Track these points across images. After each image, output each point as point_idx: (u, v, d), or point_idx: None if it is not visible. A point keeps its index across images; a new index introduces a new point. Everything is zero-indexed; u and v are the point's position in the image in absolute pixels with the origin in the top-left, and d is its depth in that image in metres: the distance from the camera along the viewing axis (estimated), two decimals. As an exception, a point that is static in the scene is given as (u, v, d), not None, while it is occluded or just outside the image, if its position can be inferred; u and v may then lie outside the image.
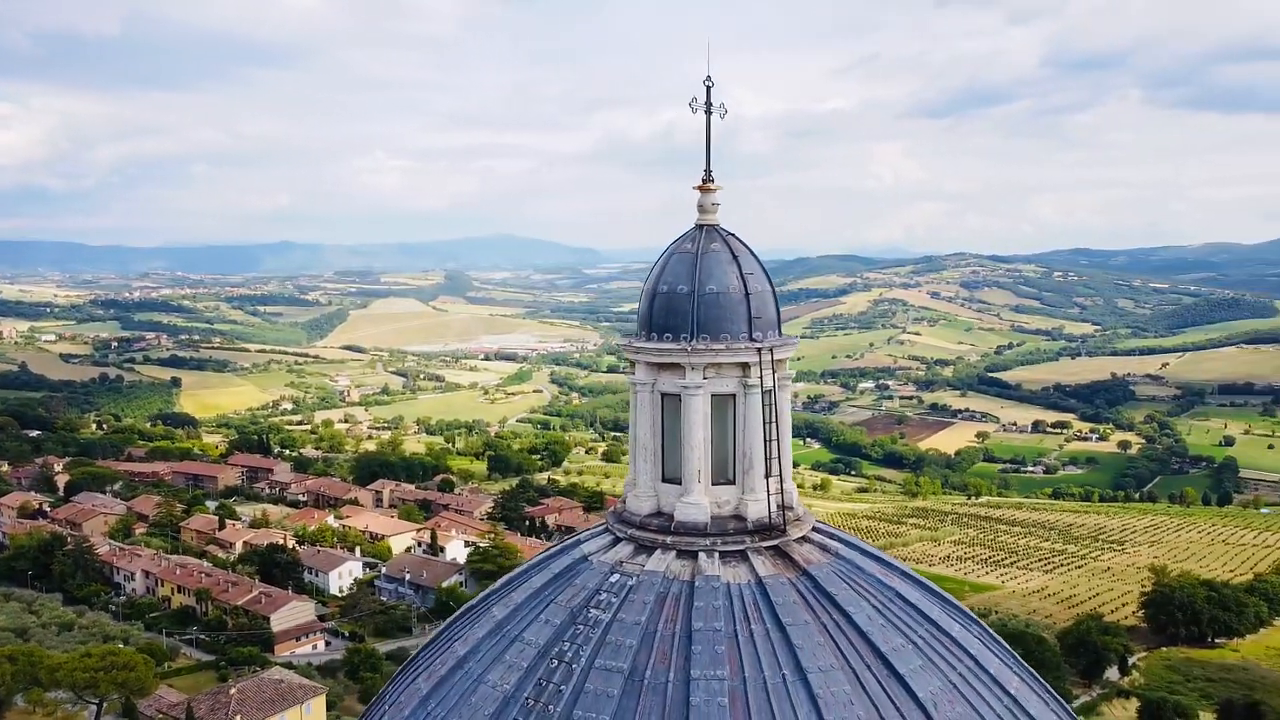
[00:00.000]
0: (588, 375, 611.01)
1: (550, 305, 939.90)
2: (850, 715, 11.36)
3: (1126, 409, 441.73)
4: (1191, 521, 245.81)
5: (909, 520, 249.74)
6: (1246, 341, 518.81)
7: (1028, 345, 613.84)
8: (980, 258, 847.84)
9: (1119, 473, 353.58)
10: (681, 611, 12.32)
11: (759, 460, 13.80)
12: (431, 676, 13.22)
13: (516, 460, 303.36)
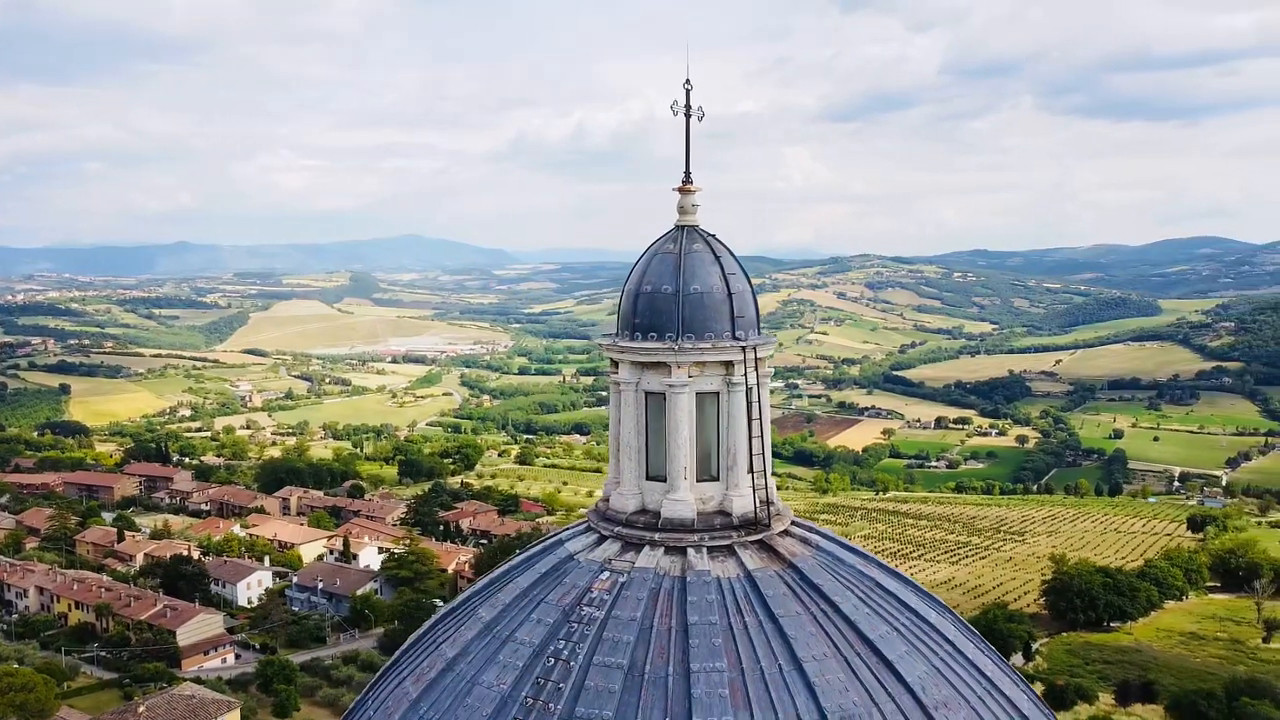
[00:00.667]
0: (499, 378, 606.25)
1: (460, 307, 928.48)
2: (846, 701, 11.74)
3: (1023, 404, 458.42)
4: (1086, 512, 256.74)
5: (821, 517, 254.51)
6: (1133, 339, 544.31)
7: (930, 344, 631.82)
8: (884, 259, 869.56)
9: (1018, 466, 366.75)
10: (675, 606, 12.52)
11: (743, 457, 14.09)
12: (420, 680, 13.12)
13: (428, 464, 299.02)
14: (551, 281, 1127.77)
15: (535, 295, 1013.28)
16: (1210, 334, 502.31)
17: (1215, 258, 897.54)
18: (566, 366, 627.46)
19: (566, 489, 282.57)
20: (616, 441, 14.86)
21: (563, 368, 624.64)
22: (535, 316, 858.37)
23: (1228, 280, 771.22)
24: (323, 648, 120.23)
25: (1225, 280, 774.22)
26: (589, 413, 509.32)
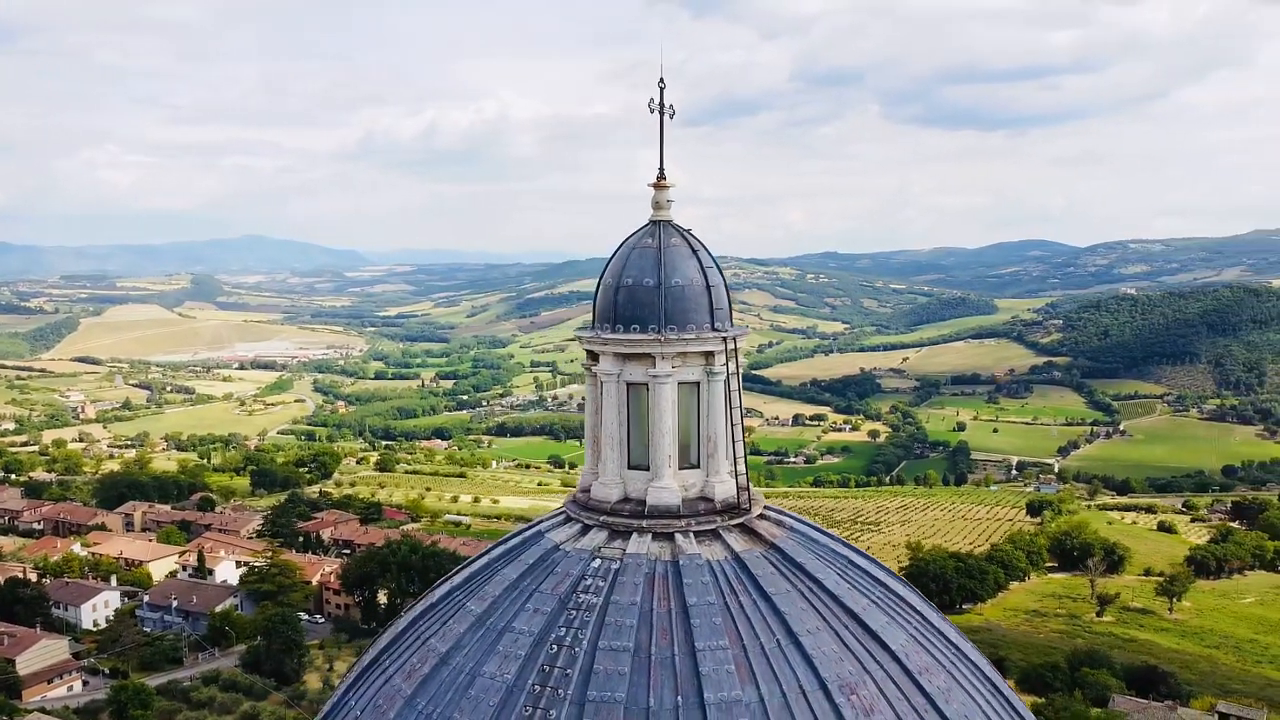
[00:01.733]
0: (354, 383, 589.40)
1: (310, 310, 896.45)
2: (842, 670, 12.36)
3: (874, 400, 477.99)
4: (935, 501, 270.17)
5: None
6: (973, 336, 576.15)
7: (786, 343, 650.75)
8: (740, 260, 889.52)
9: (870, 459, 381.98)
10: (672, 589, 12.86)
11: (723, 444, 14.55)
12: (412, 676, 12.97)
13: (283, 474, 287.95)
14: (407, 283, 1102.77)
15: (390, 297, 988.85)
16: (1041, 331, 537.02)
17: (1044, 259, 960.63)
18: (425, 370, 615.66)
19: (430, 495, 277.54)
20: (595, 433, 15.08)
21: (421, 371, 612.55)
22: (391, 319, 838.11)
23: (1055, 281, 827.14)
24: (180, 669, 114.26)
25: (1053, 280, 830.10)
26: (449, 417, 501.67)
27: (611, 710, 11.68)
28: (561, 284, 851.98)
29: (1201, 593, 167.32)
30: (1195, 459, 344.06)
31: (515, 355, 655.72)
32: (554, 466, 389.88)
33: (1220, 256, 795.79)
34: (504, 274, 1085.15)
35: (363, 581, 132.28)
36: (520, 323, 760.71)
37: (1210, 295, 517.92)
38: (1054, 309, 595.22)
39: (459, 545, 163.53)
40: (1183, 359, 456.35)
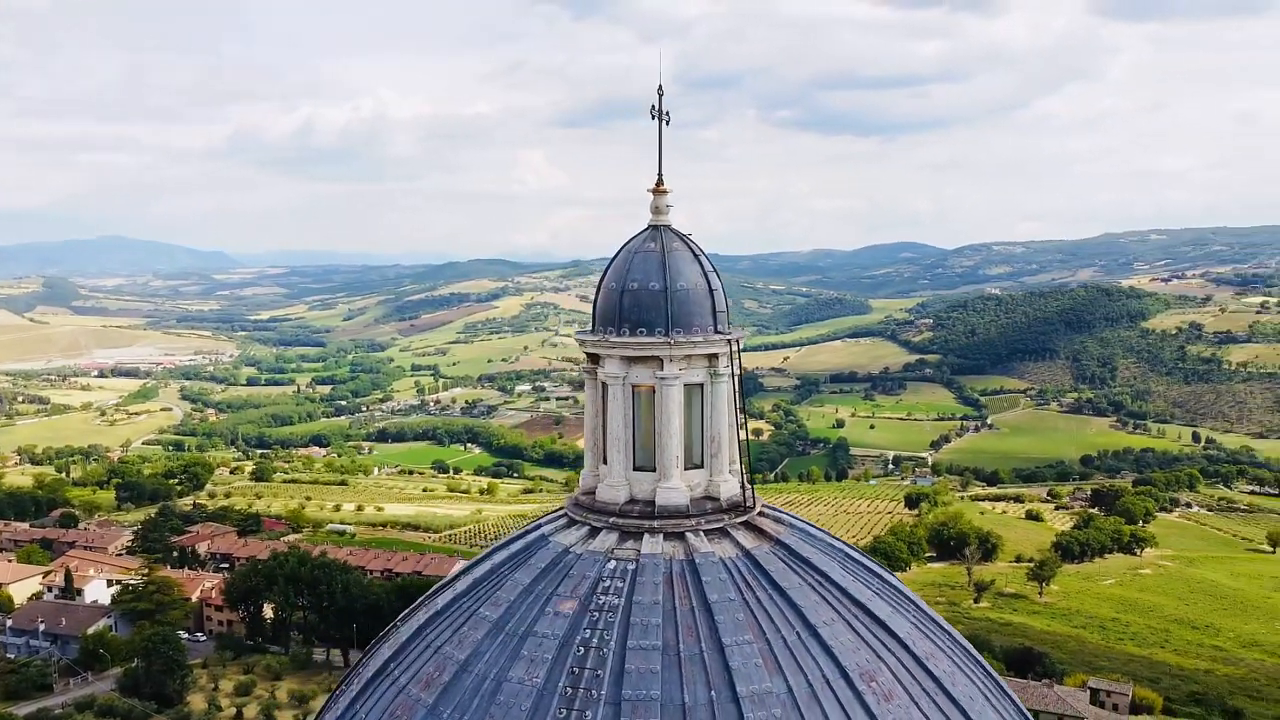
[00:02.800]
0: (225, 390, 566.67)
1: (176, 314, 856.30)
2: (860, 659, 12.83)
3: (757, 399, 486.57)
4: (818, 496, 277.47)
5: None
6: (850, 336, 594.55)
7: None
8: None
9: (755, 458, 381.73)
10: (691, 588, 13.07)
11: (726, 444, 14.85)
12: (430, 684, 12.77)
13: (151, 486, 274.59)
14: (279, 286, 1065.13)
15: (262, 300, 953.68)
16: (913, 330, 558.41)
17: (915, 261, 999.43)
18: (301, 375, 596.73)
19: (311, 504, 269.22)
20: (597, 435, 15.16)
21: (296, 377, 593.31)
22: (263, 323, 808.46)
23: (925, 281, 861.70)
24: (50, 696, 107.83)
25: (923, 281, 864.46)
26: (328, 423, 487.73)
27: (648, 708, 11.85)
28: (442, 285, 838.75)
29: (1067, 576, 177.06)
30: (1056, 450, 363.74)
31: (395, 359, 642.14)
32: (438, 472, 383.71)
33: (1075, 258, 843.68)
34: (382, 275, 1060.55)
35: (248, 596, 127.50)
36: (400, 325, 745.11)
37: (1067, 295, 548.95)
38: (925, 309, 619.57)
39: (346, 555, 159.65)
40: (1043, 355, 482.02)
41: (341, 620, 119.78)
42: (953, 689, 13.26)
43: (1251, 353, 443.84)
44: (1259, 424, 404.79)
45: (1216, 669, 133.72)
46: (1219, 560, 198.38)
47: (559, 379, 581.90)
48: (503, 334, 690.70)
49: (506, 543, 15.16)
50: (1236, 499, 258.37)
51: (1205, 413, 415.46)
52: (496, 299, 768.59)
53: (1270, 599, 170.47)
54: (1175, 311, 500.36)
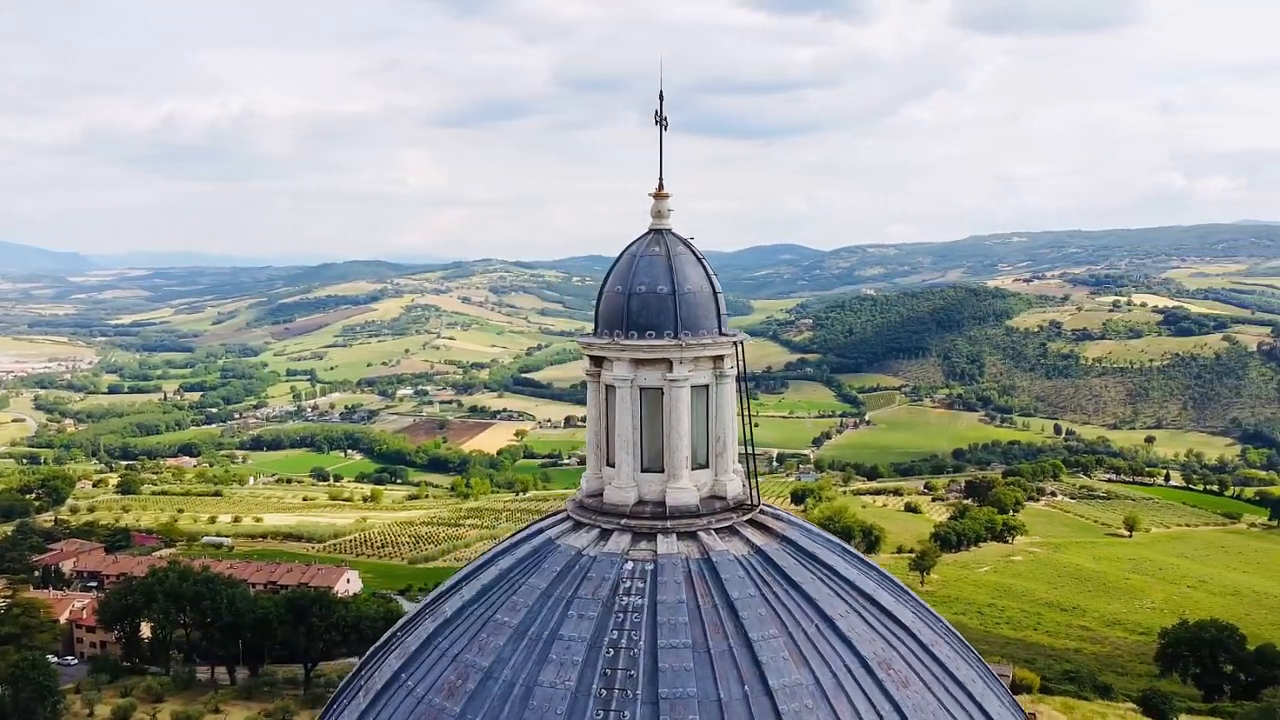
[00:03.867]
0: (84, 399, 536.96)
1: (27, 319, 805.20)
2: (875, 649, 13.26)
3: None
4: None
5: (466, 522, 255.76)
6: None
7: (555, 346, 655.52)
8: (507, 263, 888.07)
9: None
10: (711, 585, 13.25)
11: (731, 444, 15.08)
12: (454, 693, 12.55)
13: (5, 502, 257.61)
14: (142, 289, 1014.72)
15: (123, 304, 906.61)
16: (793, 330, 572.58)
17: (794, 262, 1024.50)
18: (167, 382, 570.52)
19: (184, 516, 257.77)
20: (600, 438, 15.19)
21: (163, 384, 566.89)
22: (125, 328, 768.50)
23: (804, 282, 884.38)
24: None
25: (802, 282, 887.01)
26: (198, 432, 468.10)
27: (686, 705, 12.00)
28: (318, 288, 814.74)
29: (946, 565, 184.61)
30: (930, 444, 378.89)
31: (269, 364, 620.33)
32: (318, 480, 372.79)
33: (944, 260, 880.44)
34: (253, 278, 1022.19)
35: (124, 615, 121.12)
36: (273, 329, 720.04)
37: (937, 295, 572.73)
38: (804, 309, 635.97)
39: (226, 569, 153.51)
40: (916, 353, 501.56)
41: (227, 637, 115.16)
42: (957, 673, 13.89)
43: (1106, 349, 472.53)
44: (1113, 415, 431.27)
45: (1085, 648, 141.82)
46: (1082, 545, 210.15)
47: (442, 382, 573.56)
48: (382, 337, 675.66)
49: (508, 548, 15.05)
50: (1096, 487, 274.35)
51: (1065, 406, 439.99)
52: (376, 301, 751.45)
53: (1129, 580, 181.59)
54: (1036, 311, 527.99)
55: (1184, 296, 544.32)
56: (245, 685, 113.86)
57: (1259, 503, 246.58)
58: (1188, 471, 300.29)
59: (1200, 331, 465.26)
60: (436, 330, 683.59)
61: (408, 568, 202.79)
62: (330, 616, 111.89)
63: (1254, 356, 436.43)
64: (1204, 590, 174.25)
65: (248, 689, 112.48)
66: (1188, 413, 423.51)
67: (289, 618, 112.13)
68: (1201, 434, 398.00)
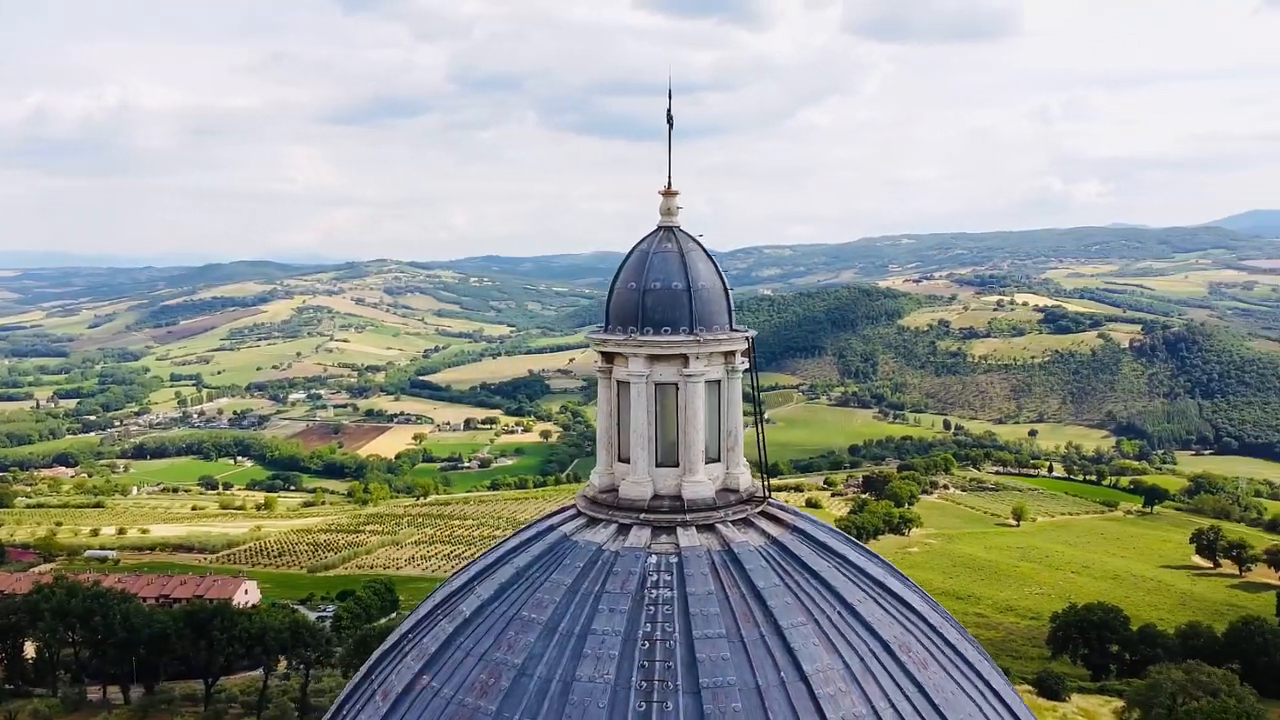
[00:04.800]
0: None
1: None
2: (894, 633, 13.66)
3: (544, 401, 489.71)
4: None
5: (367, 528, 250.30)
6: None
7: (453, 348, 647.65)
8: (402, 264, 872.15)
9: (545, 459, 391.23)
10: (736, 576, 13.43)
11: (740, 438, 15.28)
12: (489, 691, 12.39)
13: None
14: (9, 290, 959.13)
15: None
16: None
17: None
18: (40, 389, 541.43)
19: (64, 529, 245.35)
20: (611, 434, 15.25)
21: (35, 391, 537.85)
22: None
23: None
24: None
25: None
26: (75, 440, 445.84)
27: (727, 693, 12.17)
28: (203, 289, 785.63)
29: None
30: (828, 440, 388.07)
31: (151, 369, 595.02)
32: (206, 489, 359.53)
33: (838, 261, 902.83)
34: (133, 279, 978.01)
35: (6, 634, 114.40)
36: (155, 333, 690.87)
37: (832, 295, 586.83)
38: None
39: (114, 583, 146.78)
40: (813, 352, 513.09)
41: (120, 654, 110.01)
42: (965, 654, 14.47)
43: (991, 347, 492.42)
44: (998, 411, 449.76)
45: (981, 634, 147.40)
46: (974, 535, 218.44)
47: (336, 385, 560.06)
48: (272, 340, 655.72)
49: (519, 546, 14.97)
50: (985, 479, 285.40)
51: (954, 402, 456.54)
52: (264, 303, 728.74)
53: (1019, 567, 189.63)
54: (926, 310, 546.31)
55: (1062, 296, 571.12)
56: (140, 704, 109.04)
57: (1133, 491, 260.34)
58: (1068, 463, 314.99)
59: (1077, 329, 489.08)
60: (329, 332, 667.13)
61: (308, 576, 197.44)
62: (233, 629, 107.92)
63: (1126, 353, 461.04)
64: (1087, 575, 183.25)
65: (143, 708, 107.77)
66: (1067, 407, 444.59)
67: (188, 632, 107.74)
68: (1080, 427, 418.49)
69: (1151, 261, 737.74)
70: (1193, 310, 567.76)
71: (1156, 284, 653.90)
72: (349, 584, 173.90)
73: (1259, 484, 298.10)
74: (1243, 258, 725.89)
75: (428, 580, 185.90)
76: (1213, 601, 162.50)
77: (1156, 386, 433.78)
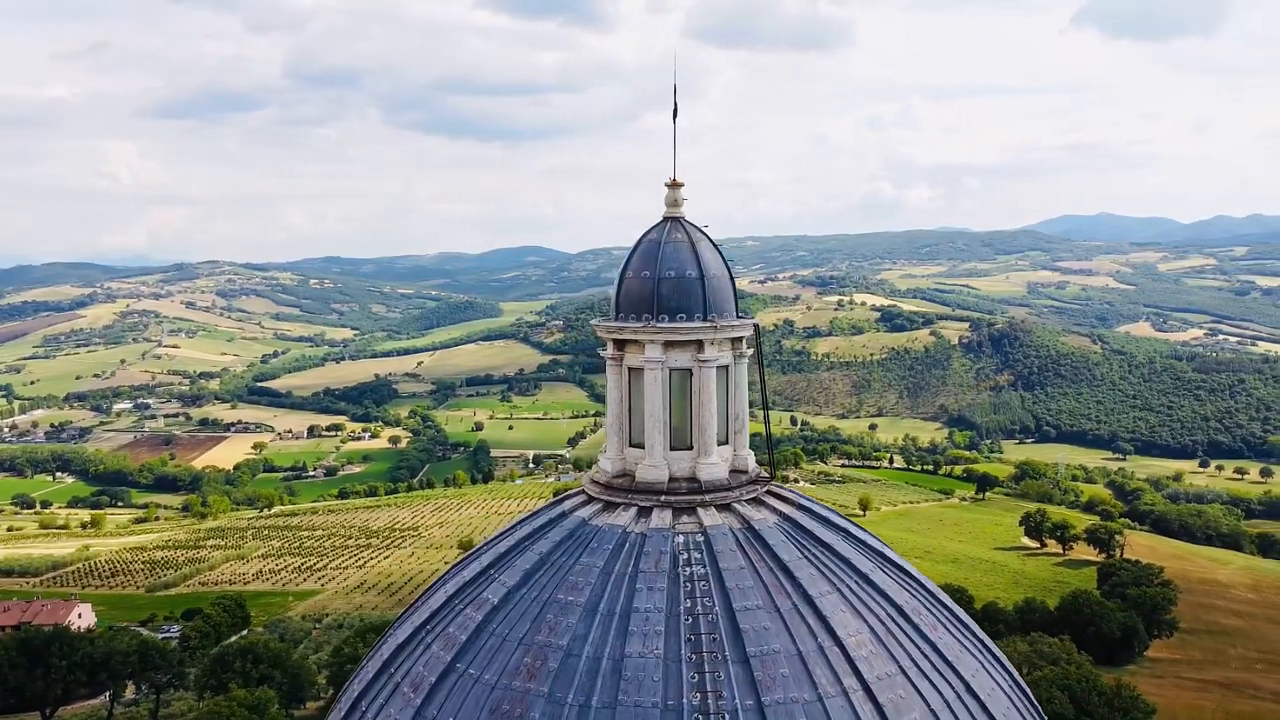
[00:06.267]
0: None
1: None
2: (904, 599, 14.47)
3: (392, 406, 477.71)
4: (468, 499, 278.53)
5: (208, 543, 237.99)
6: (483, 339, 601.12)
7: (293, 352, 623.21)
8: (236, 265, 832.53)
9: (395, 465, 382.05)
10: (761, 551, 13.91)
11: (745, 421, 15.74)
12: (537, 674, 12.37)
13: None
14: None
15: None
16: (544, 331, 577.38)
17: (541, 264, 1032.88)
18: None
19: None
20: (623, 420, 15.48)
21: None
22: None
23: (552, 284, 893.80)
24: None
25: (550, 284, 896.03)
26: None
27: (774, 660, 12.65)
28: (12, 293, 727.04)
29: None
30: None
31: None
32: (22, 507, 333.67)
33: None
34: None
35: None
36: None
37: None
38: (554, 311, 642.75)
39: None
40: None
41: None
42: (961, 616, 15.51)
43: (833, 345, 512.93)
44: (841, 406, 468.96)
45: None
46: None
47: (166, 394, 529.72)
48: (93, 346, 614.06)
49: (534, 534, 15.05)
50: (832, 472, 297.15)
51: (800, 399, 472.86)
52: (83, 307, 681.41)
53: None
54: (772, 310, 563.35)
55: (897, 296, 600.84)
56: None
57: (967, 479, 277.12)
58: (907, 454, 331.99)
59: (911, 328, 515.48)
60: (157, 338, 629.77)
61: (146, 596, 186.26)
62: (73, 655, 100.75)
63: (956, 349, 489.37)
64: (930, 559, 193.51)
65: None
66: (904, 401, 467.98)
67: (22, 660, 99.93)
68: (916, 420, 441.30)
69: (976, 263, 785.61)
70: (1013, 308, 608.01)
71: (981, 284, 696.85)
72: (193, 602, 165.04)
73: (1074, 469, 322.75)
74: (1056, 259, 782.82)
75: (278, 594, 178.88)
76: (1042, 579, 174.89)
77: (983, 380, 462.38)
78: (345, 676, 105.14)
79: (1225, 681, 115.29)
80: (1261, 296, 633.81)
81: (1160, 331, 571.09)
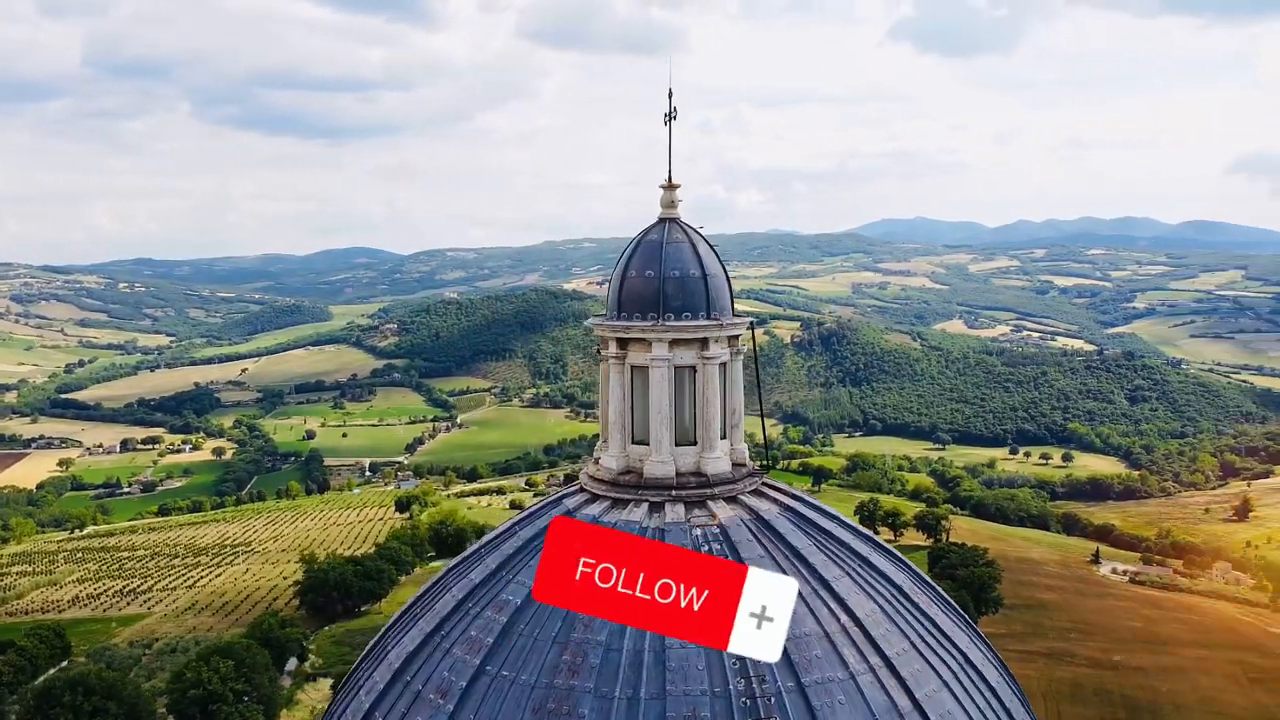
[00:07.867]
0: None
1: None
2: (902, 578, 15.21)
3: (215, 416, 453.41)
4: (303, 511, 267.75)
5: (13, 570, 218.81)
6: (312, 343, 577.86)
7: (101, 361, 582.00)
8: (33, 268, 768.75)
9: (220, 478, 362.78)
10: (774, 540, 14.29)
11: (742, 416, 16.08)
12: (579, 670, 12.27)
13: None
14: None
15: None
16: (378, 335, 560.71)
17: (372, 266, 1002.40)
18: None
19: None
20: (625, 418, 15.53)
21: None
22: None
23: (384, 287, 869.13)
24: None
25: (382, 287, 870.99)
26: None
27: (808, 642, 13.11)
28: None
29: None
30: (522, 441, 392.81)
31: None
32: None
33: (522, 264, 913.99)
34: None
35: None
36: None
37: (519, 298, 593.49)
38: (387, 314, 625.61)
39: None
40: (503, 355, 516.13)
41: None
42: (946, 597, 16.48)
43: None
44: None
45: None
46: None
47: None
48: None
49: (543, 532, 14.89)
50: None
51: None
52: None
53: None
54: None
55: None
56: None
57: (803, 472, 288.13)
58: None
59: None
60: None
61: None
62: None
63: (789, 348, 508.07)
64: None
65: None
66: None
67: None
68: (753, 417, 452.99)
69: (804, 265, 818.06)
70: (840, 308, 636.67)
71: (809, 285, 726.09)
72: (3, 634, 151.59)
73: (900, 459, 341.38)
74: (877, 260, 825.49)
75: (100, 621, 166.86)
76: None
77: (815, 377, 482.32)
78: (188, 703, 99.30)
79: (1046, 651, 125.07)
80: (1059, 295, 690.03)
81: (972, 328, 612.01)
